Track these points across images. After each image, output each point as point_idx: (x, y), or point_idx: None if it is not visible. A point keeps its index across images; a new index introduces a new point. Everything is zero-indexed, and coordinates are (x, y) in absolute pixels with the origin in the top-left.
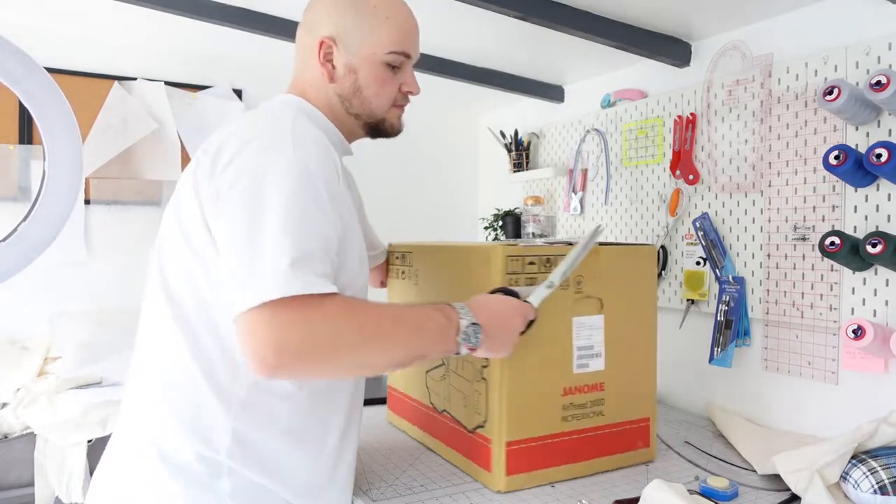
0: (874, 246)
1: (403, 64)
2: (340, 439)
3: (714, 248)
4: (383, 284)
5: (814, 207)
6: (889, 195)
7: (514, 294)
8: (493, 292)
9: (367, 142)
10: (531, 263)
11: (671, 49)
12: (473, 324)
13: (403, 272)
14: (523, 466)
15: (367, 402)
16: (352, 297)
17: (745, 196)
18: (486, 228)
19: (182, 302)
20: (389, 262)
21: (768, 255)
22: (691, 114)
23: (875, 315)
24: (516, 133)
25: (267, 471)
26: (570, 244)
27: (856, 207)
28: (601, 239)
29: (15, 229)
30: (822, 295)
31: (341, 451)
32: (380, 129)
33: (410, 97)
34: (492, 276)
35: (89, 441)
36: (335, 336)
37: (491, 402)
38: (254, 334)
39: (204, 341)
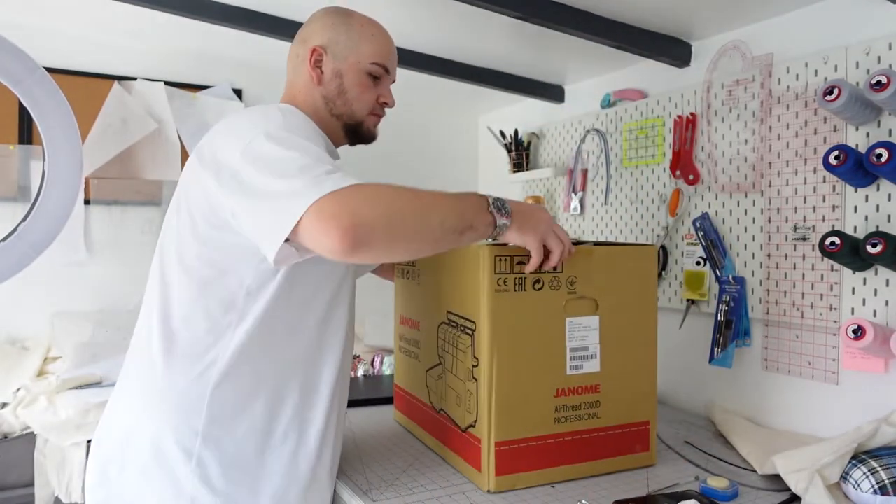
0: (874, 246)
1: (383, 78)
2: (320, 441)
3: (714, 248)
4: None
5: (814, 207)
6: (889, 195)
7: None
8: None
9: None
10: (520, 263)
11: (671, 49)
12: (499, 198)
13: (408, 272)
14: (513, 467)
15: (375, 402)
16: None
17: (745, 196)
18: None
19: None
20: (395, 262)
21: (768, 256)
22: (691, 114)
23: (875, 315)
24: (516, 133)
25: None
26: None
27: (856, 207)
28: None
29: (14, 229)
30: (822, 295)
31: (320, 453)
32: (358, 132)
33: (387, 109)
34: (481, 276)
35: (89, 441)
36: (390, 197)
37: (481, 401)
38: (320, 220)
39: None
